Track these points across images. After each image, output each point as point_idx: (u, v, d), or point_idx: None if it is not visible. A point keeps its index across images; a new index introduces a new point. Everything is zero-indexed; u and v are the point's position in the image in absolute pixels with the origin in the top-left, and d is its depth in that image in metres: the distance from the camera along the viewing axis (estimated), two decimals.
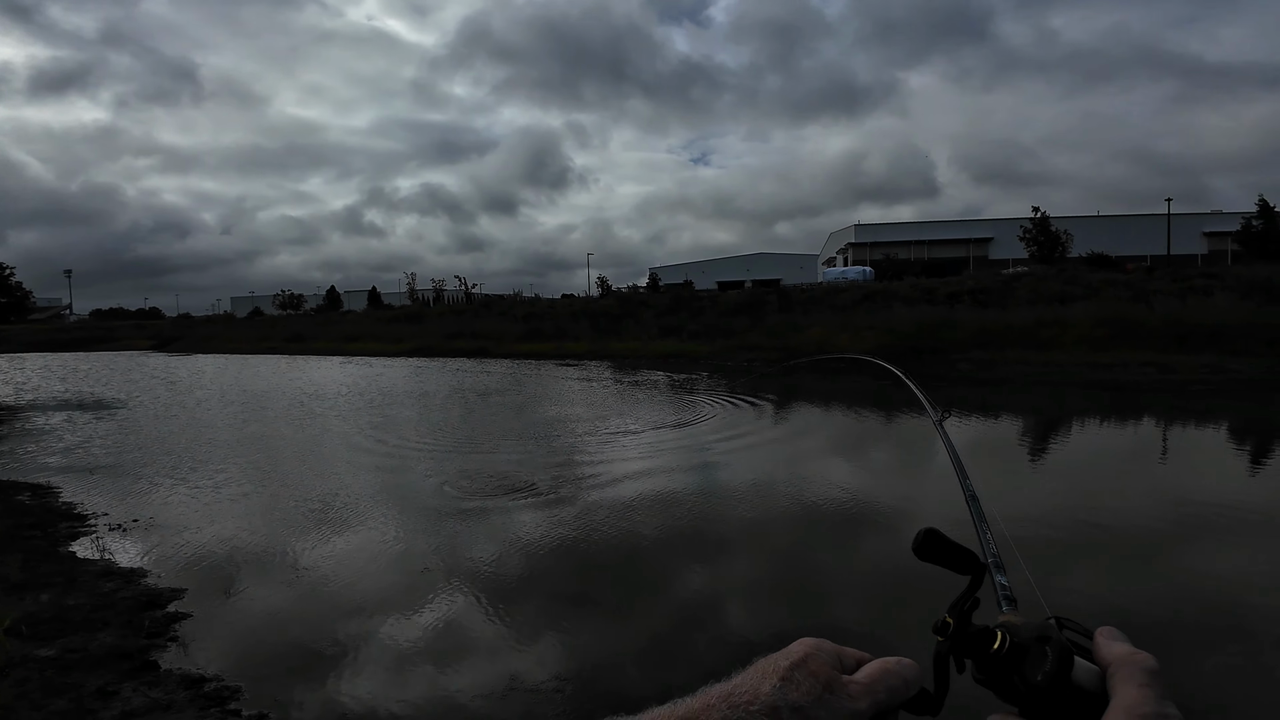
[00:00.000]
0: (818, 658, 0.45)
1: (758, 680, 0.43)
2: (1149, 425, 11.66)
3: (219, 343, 49.47)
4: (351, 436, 10.56)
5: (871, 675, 0.45)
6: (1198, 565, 4.73)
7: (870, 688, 0.44)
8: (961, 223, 57.15)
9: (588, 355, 30.55)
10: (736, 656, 0.45)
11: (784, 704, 0.42)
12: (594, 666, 3.50)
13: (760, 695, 0.42)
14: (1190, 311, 21.50)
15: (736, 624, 3.99)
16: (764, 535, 5.57)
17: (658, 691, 0.47)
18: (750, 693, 0.42)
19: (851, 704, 0.43)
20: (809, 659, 0.44)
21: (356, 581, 4.59)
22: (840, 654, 0.47)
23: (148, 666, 3.37)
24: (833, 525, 5.80)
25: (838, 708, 0.43)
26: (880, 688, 0.45)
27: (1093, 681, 0.42)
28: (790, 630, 0.82)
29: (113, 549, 5.21)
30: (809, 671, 0.43)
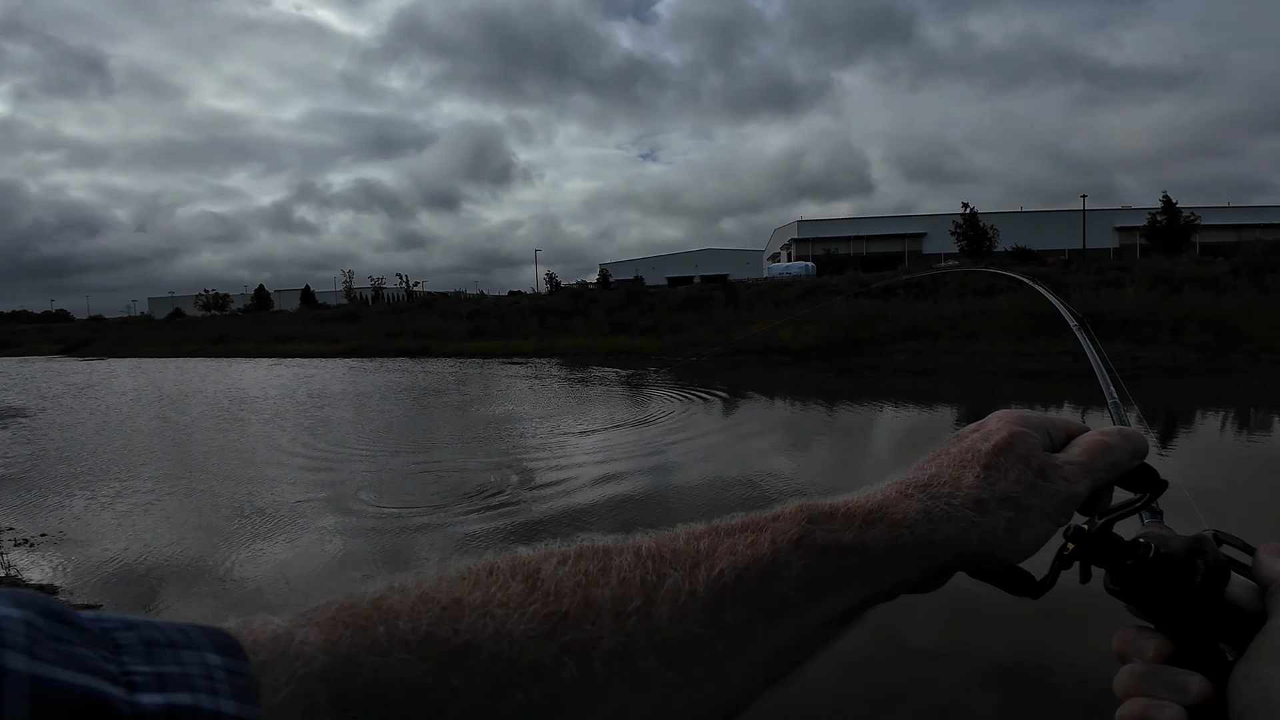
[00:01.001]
0: (1025, 438, 0.40)
1: (957, 468, 0.39)
2: (1064, 411, 12.44)
3: (135, 346, 46.40)
4: (278, 441, 10.10)
5: (1089, 452, 0.40)
6: None
7: (1088, 466, 0.40)
8: (897, 218, 59.42)
9: (536, 353, 30.22)
10: None
11: (990, 495, 0.37)
12: None
13: (962, 486, 0.38)
14: (1103, 303, 23.04)
15: None
16: None
17: None
18: (950, 482, 0.38)
19: (1069, 488, 0.39)
20: (1016, 441, 0.39)
21: (289, 592, 4.40)
22: (1047, 425, 0.42)
23: None
24: None
25: (1053, 493, 0.38)
26: (1100, 464, 0.40)
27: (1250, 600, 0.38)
28: None
29: (19, 565, 4.82)
30: (1017, 456, 0.39)
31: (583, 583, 0.32)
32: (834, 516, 0.36)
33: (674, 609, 0.32)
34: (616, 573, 0.33)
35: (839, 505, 0.37)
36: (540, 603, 0.31)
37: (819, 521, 0.36)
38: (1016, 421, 0.41)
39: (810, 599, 0.35)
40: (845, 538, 0.36)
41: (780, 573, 0.34)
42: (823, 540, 0.35)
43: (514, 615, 0.30)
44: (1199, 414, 11.44)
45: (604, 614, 0.31)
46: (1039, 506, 0.38)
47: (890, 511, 0.37)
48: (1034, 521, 0.38)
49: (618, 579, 0.32)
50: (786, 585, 0.34)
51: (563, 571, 0.32)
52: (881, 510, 0.37)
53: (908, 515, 0.37)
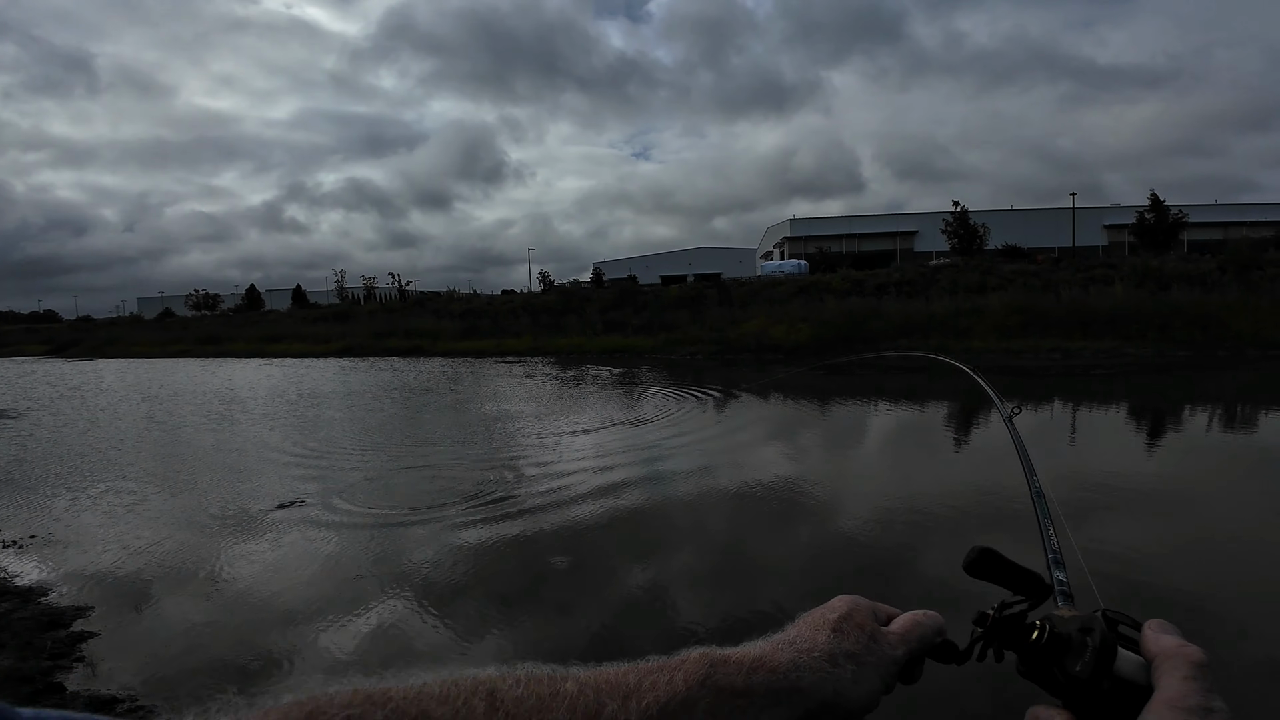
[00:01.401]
0: (859, 611, 0.50)
1: (812, 631, 0.48)
2: (1054, 409, 12.54)
3: (123, 347, 46.01)
4: (267, 440, 10.05)
5: (905, 626, 0.51)
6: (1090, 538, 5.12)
7: (905, 637, 0.50)
8: (889, 216, 59.60)
9: (529, 352, 30.17)
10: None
11: (839, 651, 0.47)
12: None
13: (818, 643, 0.47)
14: (1093, 300, 23.21)
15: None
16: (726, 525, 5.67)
17: None
18: (809, 640, 0.47)
19: (891, 651, 0.49)
20: (853, 612, 0.50)
21: (281, 591, 4.38)
22: (874, 610, 0.52)
23: (52, 689, 3.12)
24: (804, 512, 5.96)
25: (880, 655, 0.48)
26: (913, 636, 0.50)
27: (1138, 674, 0.41)
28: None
29: (7, 567, 4.78)
30: (855, 624, 0.49)
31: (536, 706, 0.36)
32: (728, 663, 0.44)
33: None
34: (564, 699, 0.37)
35: (731, 654, 0.45)
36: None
37: (718, 666, 0.43)
38: (853, 602, 0.51)
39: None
40: (738, 681, 0.43)
41: (691, 709, 0.40)
42: (721, 682, 0.42)
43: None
44: (1178, 416, 11.55)
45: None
46: (872, 664, 0.47)
47: (768, 661, 0.45)
48: (869, 676, 0.47)
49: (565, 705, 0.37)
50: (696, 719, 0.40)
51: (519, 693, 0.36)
52: (762, 661, 0.45)
53: (781, 664, 0.45)
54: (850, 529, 5.29)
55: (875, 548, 4.89)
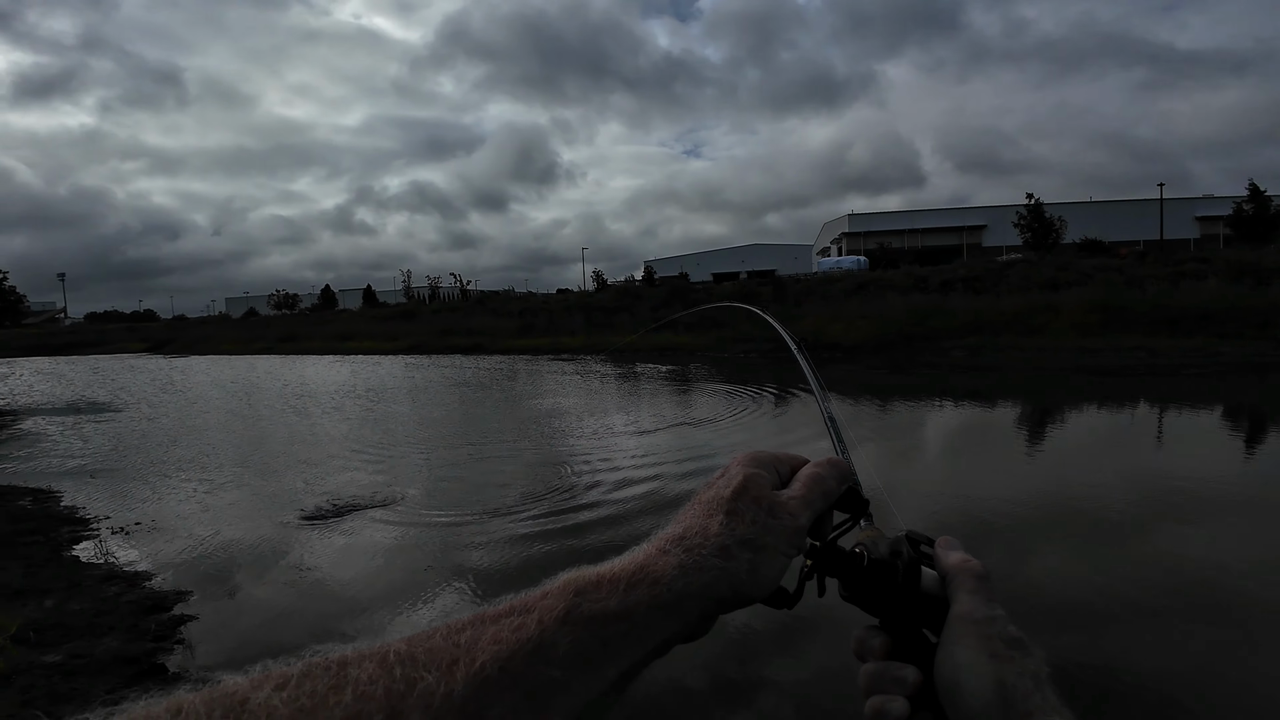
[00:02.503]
0: (757, 480, 0.45)
1: (705, 518, 0.43)
2: (1136, 409, 11.78)
3: (213, 344, 49.27)
4: (345, 434, 10.59)
5: (806, 485, 0.46)
6: (1172, 547, 4.82)
7: (807, 499, 0.46)
8: (955, 210, 57.23)
9: (582, 349, 30.58)
10: None
11: (733, 540, 0.42)
12: None
13: (710, 535, 0.42)
14: (1182, 296, 21.62)
15: None
16: None
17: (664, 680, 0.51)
18: (700, 532, 0.42)
19: (793, 522, 0.44)
20: (749, 484, 0.45)
21: (356, 580, 4.65)
22: (776, 464, 0.48)
23: (154, 670, 3.42)
24: None
25: (781, 530, 0.43)
26: (815, 495, 0.46)
27: (936, 588, 0.45)
28: None
29: (115, 552, 5.25)
30: (750, 499, 0.44)
31: (305, 707, 0.29)
32: (600, 584, 0.38)
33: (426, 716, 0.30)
34: (353, 687, 0.30)
35: (604, 572, 0.39)
36: None
37: (586, 593, 0.37)
38: (750, 463, 0.46)
39: (581, 674, 0.35)
40: (611, 604, 0.37)
41: (547, 654, 0.34)
42: (589, 611, 0.36)
43: None
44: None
45: None
46: (772, 544, 0.43)
47: (650, 570, 0.39)
48: (770, 559, 0.42)
49: (353, 695, 0.29)
50: (555, 665, 0.34)
51: (278, 698, 0.29)
52: (643, 571, 0.39)
53: (666, 572, 0.39)
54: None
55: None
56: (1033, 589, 4.07)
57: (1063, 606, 3.84)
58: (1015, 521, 5.37)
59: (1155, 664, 3.27)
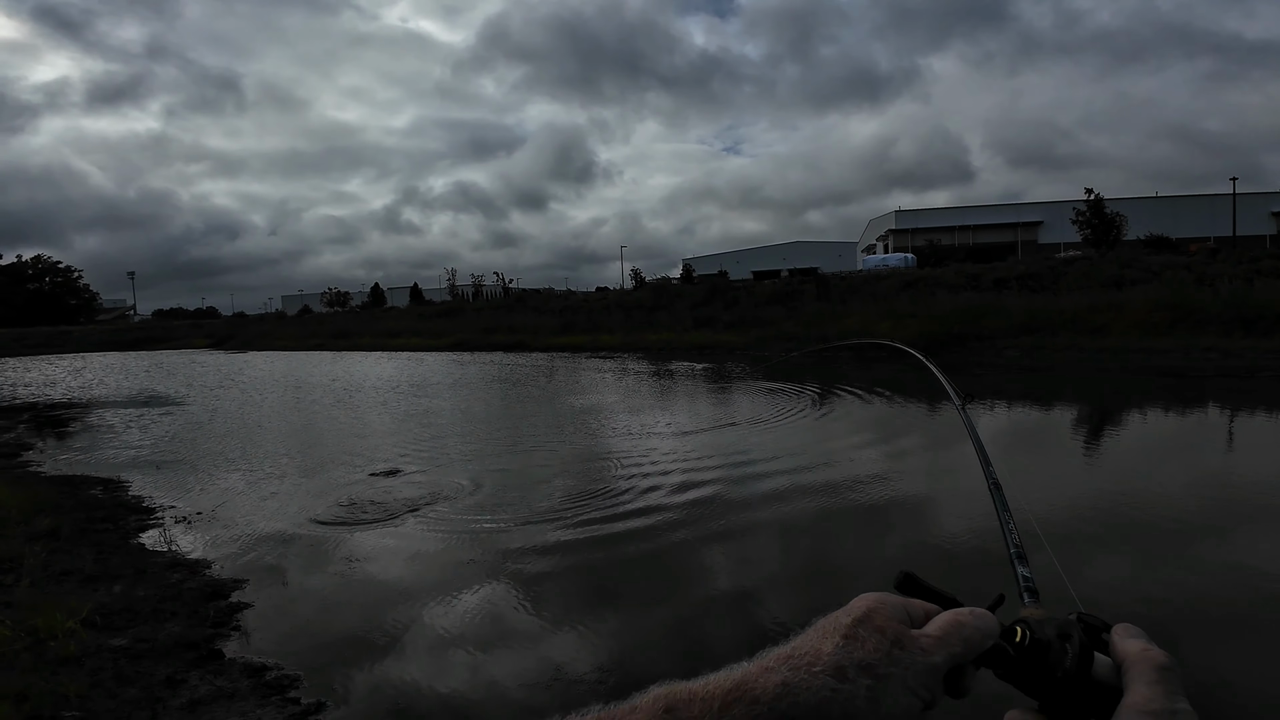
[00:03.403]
0: (882, 612, 0.42)
1: (818, 640, 0.40)
2: (1209, 412, 11.09)
3: (270, 340, 51.35)
4: (394, 429, 10.85)
5: (944, 627, 0.42)
6: (1239, 558, 4.49)
7: (944, 640, 0.41)
8: (1008, 206, 55.18)
9: (621, 347, 30.66)
10: None
11: (849, 663, 0.38)
12: (638, 661, 3.53)
13: (823, 655, 0.39)
14: (1259, 294, 20.30)
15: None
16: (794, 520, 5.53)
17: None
18: (811, 653, 0.39)
19: (925, 658, 0.40)
20: (873, 614, 0.41)
21: (404, 573, 4.73)
22: (907, 607, 0.44)
23: (213, 655, 3.55)
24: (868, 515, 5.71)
25: (910, 663, 0.40)
26: (954, 639, 0.42)
27: (1110, 676, 0.43)
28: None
29: (179, 541, 5.48)
30: (874, 627, 0.40)
31: None
32: (692, 702, 0.36)
33: None
34: None
35: (698, 689, 0.36)
36: None
37: (676, 710, 0.35)
38: (877, 600, 0.43)
39: None
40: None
41: None
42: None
43: None
44: None
45: None
46: (898, 676, 0.39)
47: (750, 689, 0.36)
48: (894, 691, 0.38)
49: None
50: None
51: None
52: (740, 689, 0.36)
53: (766, 691, 0.36)
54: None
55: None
56: (1088, 602, 3.84)
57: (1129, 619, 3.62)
58: (1072, 528, 5.10)
59: (1236, 677, 3.05)
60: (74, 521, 5.83)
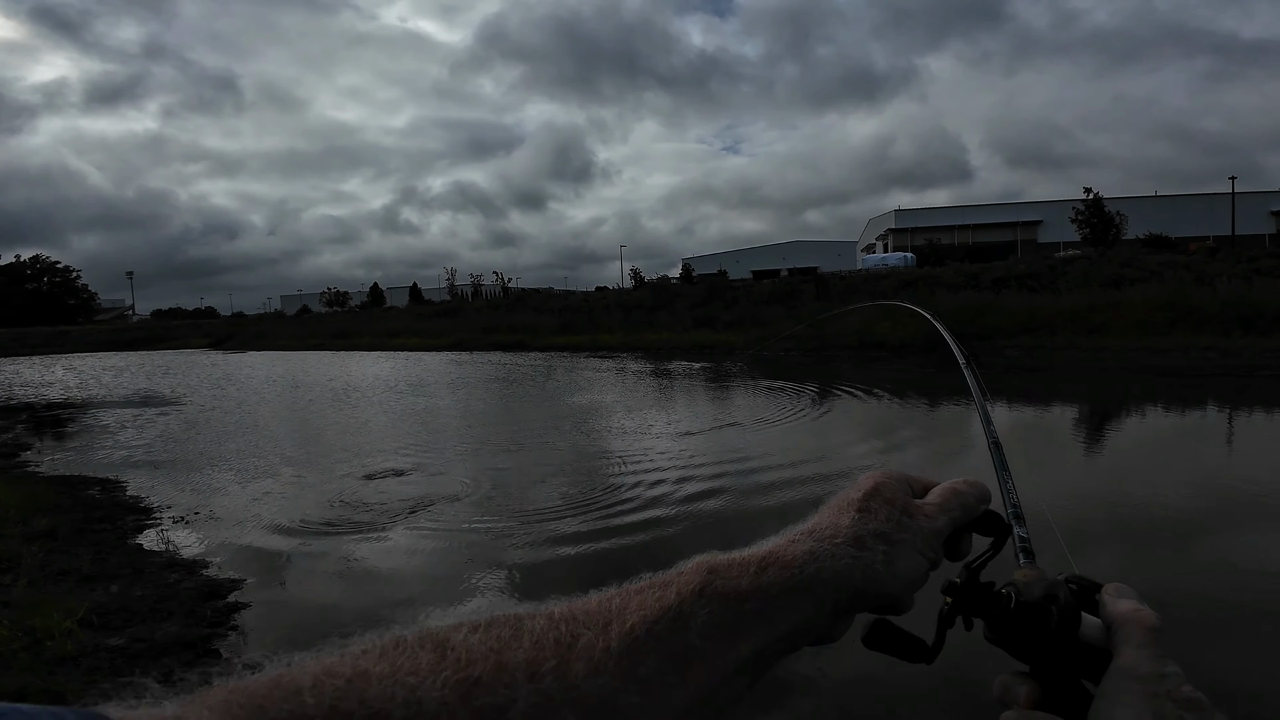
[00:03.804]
0: (889, 485, 0.46)
1: (835, 515, 0.44)
2: (1209, 410, 11.10)
3: (270, 340, 51.29)
4: (392, 429, 10.84)
5: (943, 495, 0.47)
6: (1239, 555, 4.49)
7: (944, 507, 0.46)
8: (1007, 205, 55.21)
9: (620, 347, 30.64)
10: None
11: (866, 532, 0.43)
12: None
13: (842, 528, 0.43)
14: (1258, 294, 20.32)
15: None
16: None
17: None
18: (831, 526, 0.43)
19: (930, 524, 0.45)
20: (881, 488, 0.46)
21: (402, 573, 4.73)
22: (908, 481, 0.48)
23: (209, 655, 3.54)
24: None
25: (917, 529, 0.44)
26: (953, 504, 0.46)
27: (1098, 637, 0.42)
28: None
29: (176, 541, 5.47)
30: (884, 499, 0.45)
31: (495, 648, 0.33)
32: (731, 566, 0.40)
33: (589, 665, 0.34)
34: (529, 636, 0.34)
35: (736, 556, 0.41)
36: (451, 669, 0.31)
37: (719, 572, 0.39)
38: (883, 475, 0.47)
39: (717, 644, 0.37)
40: (743, 584, 0.39)
41: (687, 622, 0.37)
42: (723, 588, 0.39)
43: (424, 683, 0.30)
44: None
45: (518, 675, 0.32)
46: (908, 541, 0.44)
47: (781, 556, 0.41)
48: (906, 554, 0.43)
49: (530, 642, 0.34)
50: (694, 633, 0.37)
51: (474, 639, 0.33)
52: (773, 556, 0.41)
53: (796, 557, 0.41)
54: None
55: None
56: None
57: None
58: (1073, 523, 5.10)
59: (1226, 673, 3.04)
60: (71, 521, 5.82)
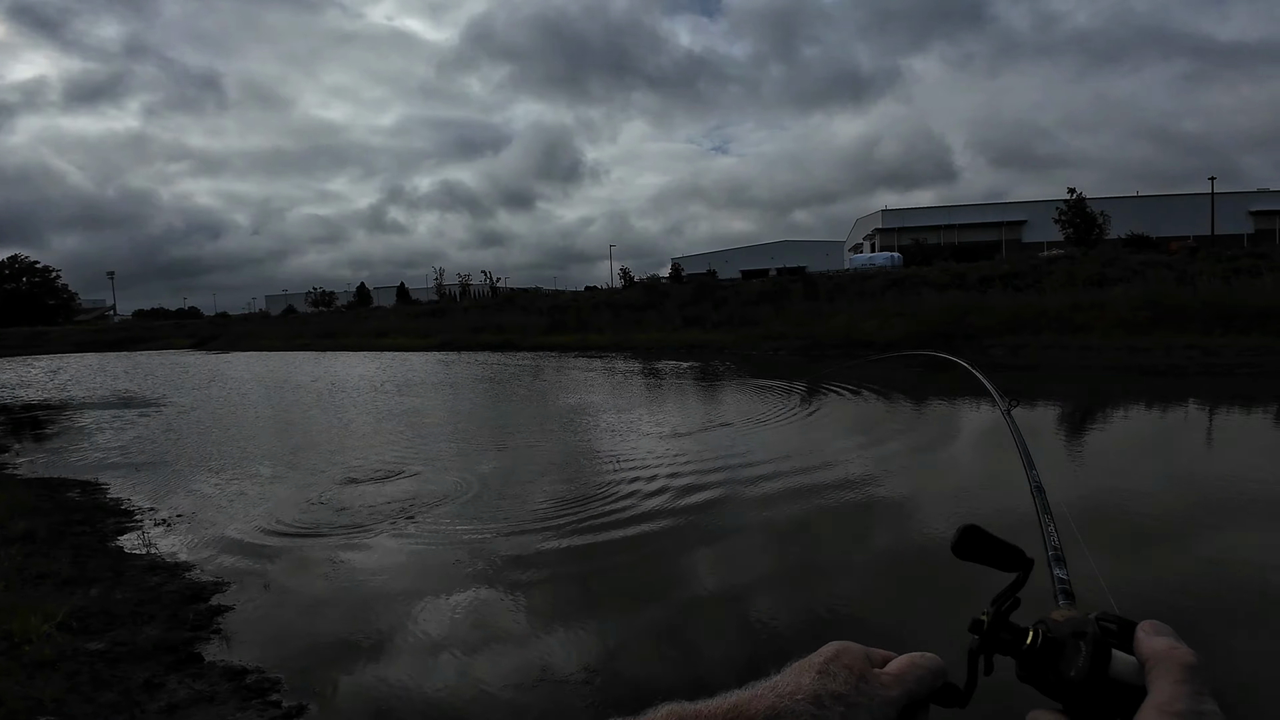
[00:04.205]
0: (849, 652, 0.48)
1: (797, 676, 0.46)
2: (1190, 409, 11.26)
3: (254, 340, 50.71)
4: (379, 430, 10.76)
5: (900, 667, 0.48)
6: (1219, 552, 4.56)
7: (900, 678, 0.48)
8: (993, 205, 55.71)
9: (610, 346, 30.61)
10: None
11: (825, 693, 0.44)
12: (623, 661, 3.52)
13: (803, 687, 0.45)
14: (1237, 293, 20.65)
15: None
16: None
17: (688, 682, 0.47)
18: (793, 685, 0.45)
19: (885, 692, 0.46)
20: (840, 654, 0.48)
21: (387, 575, 4.68)
22: (867, 653, 0.50)
23: (192, 659, 3.49)
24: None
25: (873, 695, 0.46)
26: (910, 677, 0.48)
27: (1132, 675, 0.42)
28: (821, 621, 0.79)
29: (158, 543, 5.39)
30: (843, 665, 0.47)
31: None
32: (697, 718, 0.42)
33: None
34: None
35: (701, 709, 0.42)
36: None
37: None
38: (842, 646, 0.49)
39: None
40: None
41: None
42: None
43: None
44: None
45: None
46: (864, 706, 0.45)
47: (745, 710, 0.42)
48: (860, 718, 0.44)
49: None
50: None
51: None
52: (737, 710, 0.42)
53: (758, 712, 0.42)
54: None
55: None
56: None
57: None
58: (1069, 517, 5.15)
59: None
60: (50, 524, 5.71)
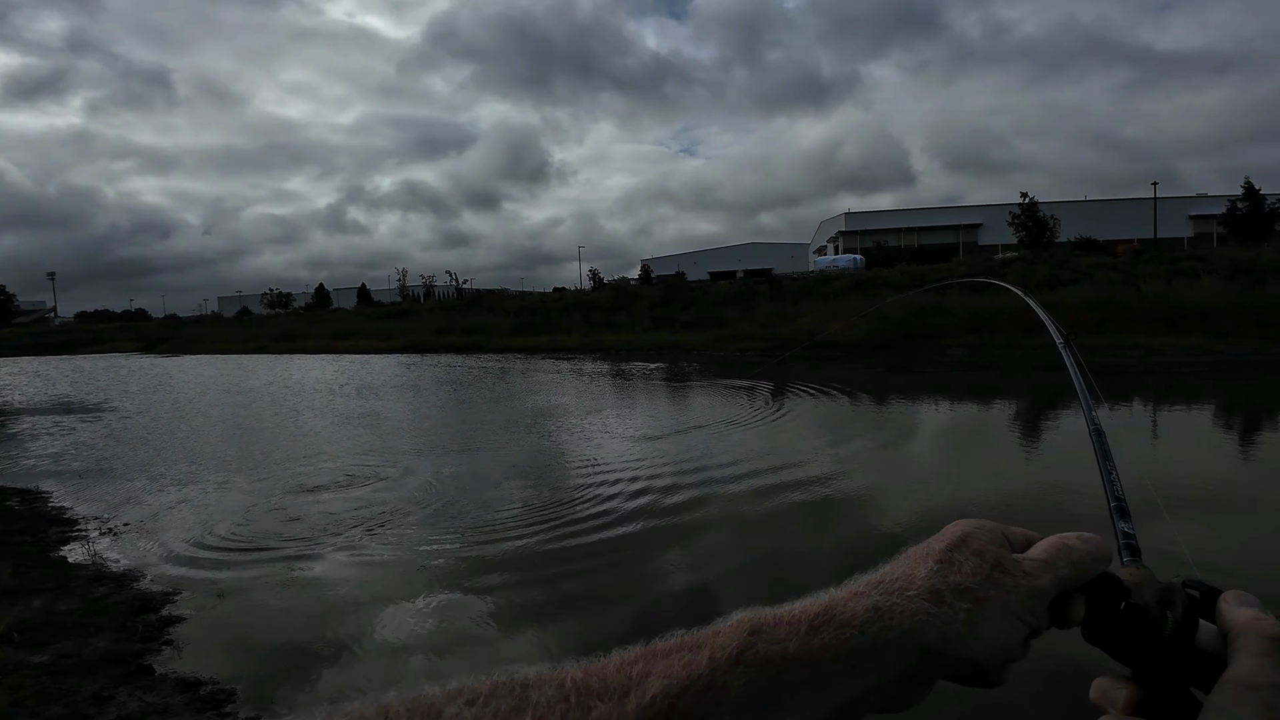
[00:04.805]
0: (980, 535, 0.39)
1: (911, 565, 0.38)
2: (1135, 407, 11.77)
3: (207, 343, 49.00)
4: (337, 435, 10.50)
5: (1050, 551, 0.39)
6: (1155, 544, 4.78)
7: (1050, 564, 0.39)
8: (950, 209, 57.30)
9: (580, 348, 30.51)
10: None
11: (945, 586, 0.36)
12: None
13: (916, 580, 0.36)
14: (1178, 294, 21.70)
15: None
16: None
17: None
18: (904, 578, 0.37)
19: (1029, 581, 0.38)
20: (969, 538, 0.39)
21: (349, 579, 4.57)
22: (1005, 532, 0.41)
23: (143, 671, 3.34)
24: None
25: (1012, 587, 0.37)
26: (1061, 562, 0.39)
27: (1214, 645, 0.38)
28: None
29: (104, 553, 5.16)
30: (972, 551, 0.38)
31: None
32: (778, 625, 0.34)
33: None
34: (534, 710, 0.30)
35: (784, 613, 0.35)
36: None
37: (762, 632, 0.34)
38: (974, 525, 0.40)
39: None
40: (791, 647, 0.33)
41: (718, 694, 0.31)
42: (766, 653, 0.33)
43: None
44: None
45: None
46: (999, 600, 0.37)
47: (839, 612, 0.35)
48: (995, 615, 0.36)
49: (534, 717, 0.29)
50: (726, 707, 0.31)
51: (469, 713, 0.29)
52: (829, 612, 0.35)
53: (857, 614, 0.35)
54: None
55: None
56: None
57: None
58: (995, 517, 5.32)
59: None
60: None
